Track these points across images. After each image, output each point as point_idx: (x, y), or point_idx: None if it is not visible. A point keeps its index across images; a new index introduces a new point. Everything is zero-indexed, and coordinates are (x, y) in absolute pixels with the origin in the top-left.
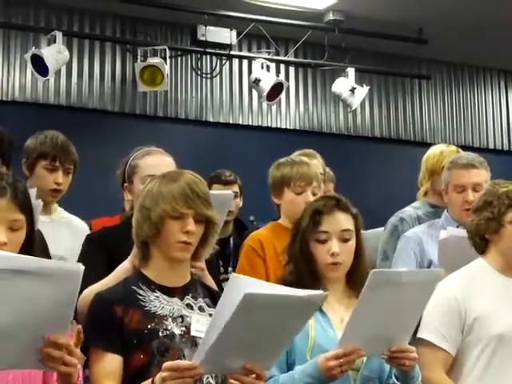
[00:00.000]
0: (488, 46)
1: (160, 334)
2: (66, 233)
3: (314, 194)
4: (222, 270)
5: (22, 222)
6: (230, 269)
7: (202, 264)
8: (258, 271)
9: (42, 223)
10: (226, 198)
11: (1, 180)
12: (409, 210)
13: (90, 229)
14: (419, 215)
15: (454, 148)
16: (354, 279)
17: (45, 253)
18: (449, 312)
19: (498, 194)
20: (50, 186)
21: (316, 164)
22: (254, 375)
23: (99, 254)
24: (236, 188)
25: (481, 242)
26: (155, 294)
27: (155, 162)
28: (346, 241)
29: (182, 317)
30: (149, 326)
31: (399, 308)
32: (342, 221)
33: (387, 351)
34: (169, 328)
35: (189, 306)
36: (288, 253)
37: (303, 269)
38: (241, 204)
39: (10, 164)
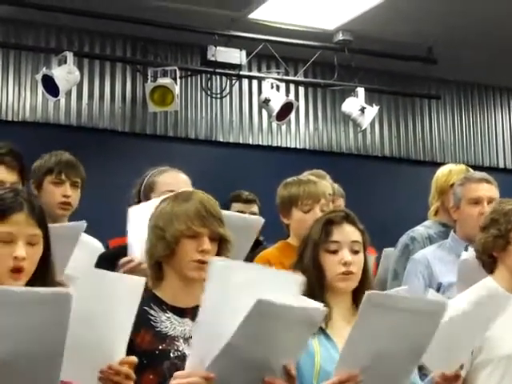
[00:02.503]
0: (497, 65)
1: (171, 355)
2: (79, 252)
3: (322, 211)
4: None
5: (39, 236)
6: None
7: None
8: None
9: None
10: (255, 223)
11: (17, 195)
12: (420, 229)
13: (107, 249)
14: (430, 234)
15: (463, 167)
16: (361, 298)
17: None
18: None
19: (504, 212)
20: (59, 200)
21: (325, 184)
22: None
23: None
24: (255, 208)
25: (489, 261)
26: (167, 315)
27: (173, 179)
28: (356, 252)
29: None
30: (160, 347)
31: (402, 336)
32: (351, 232)
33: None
34: (180, 349)
35: None
36: (297, 266)
37: (314, 281)
38: None
39: (25, 181)
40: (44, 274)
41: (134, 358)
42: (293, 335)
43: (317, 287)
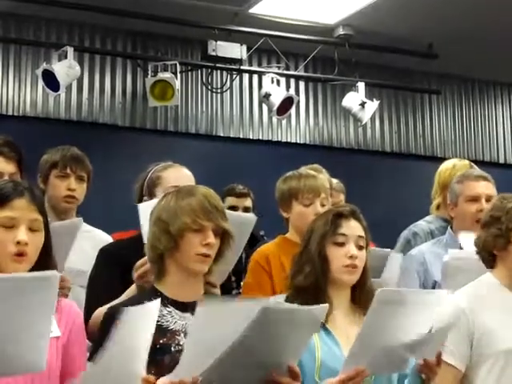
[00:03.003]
0: (498, 60)
1: (172, 349)
2: (88, 246)
3: (322, 205)
4: (234, 285)
5: (40, 222)
6: (242, 284)
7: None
8: (264, 287)
9: None
10: (248, 220)
11: (17, 184)
12: (422, 224)
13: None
14: (432, 229)
15: (466, 162)
16: (359, 294)
17: None
18: (457, 328)
19: (507, 209)
20: (63, 193)
21: (323, 177)
22: None
23: (111, 269)
24: (249, 202)
25: (489, 258)
26: (168, 309)
27: (178, 174)
28: (360, 248)
29: None
30: (161, 341)
31: (405, 327)
32: (358, 228)
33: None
34: (181, 343)
35: None
36: (302, 257)
37: (319, 272)
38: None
39: (23, 172)
40: (46, 262)
41: (153, 378)
42: (296, 336)
43: (321, 278)
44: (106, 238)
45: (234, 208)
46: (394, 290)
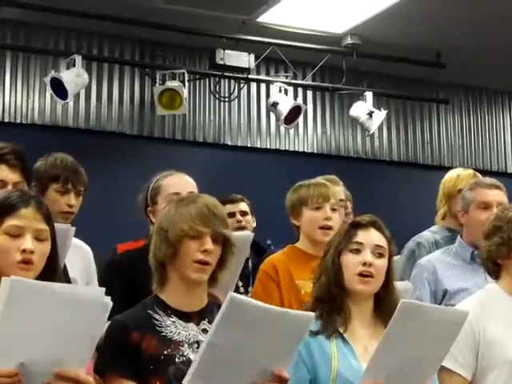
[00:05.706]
0: (506, 69)
1: (176, 360)
2: (77, 256)
3: (333, 210)
4: (242, 290)
5: (47, 232)
6: (249, 288)
7: None
8: (272, 297)
9: None
10: (245, 239)
11: (24, 193)
12: (426, 235)
13: (116, 253)
14: (437, 239)
15: (470, 172)
16: (383, 306)
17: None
18: (463, 337)
19: (507, 219)
20: (63, 209)
21: (336, 188)
22: None
23: (117, 283)
24: (244, 205)
25: (493, 267)
26: (171, 319)
27: (178, 182)
28: (379, 256)
29: (197, 342)
30: (165, 352)
31: (425, 344)
32: (377, 237)
33: None
34: (185, 354)
35: (205, 331)
36: (320, 268)
37: (332, 280)
38: (254, 224)
39: (30, 180)
40: (52, 272)
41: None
42: (280, 339)
43: (334, 287)
44: (87, 248)
45: (231, 214)
46: (416, 303)
